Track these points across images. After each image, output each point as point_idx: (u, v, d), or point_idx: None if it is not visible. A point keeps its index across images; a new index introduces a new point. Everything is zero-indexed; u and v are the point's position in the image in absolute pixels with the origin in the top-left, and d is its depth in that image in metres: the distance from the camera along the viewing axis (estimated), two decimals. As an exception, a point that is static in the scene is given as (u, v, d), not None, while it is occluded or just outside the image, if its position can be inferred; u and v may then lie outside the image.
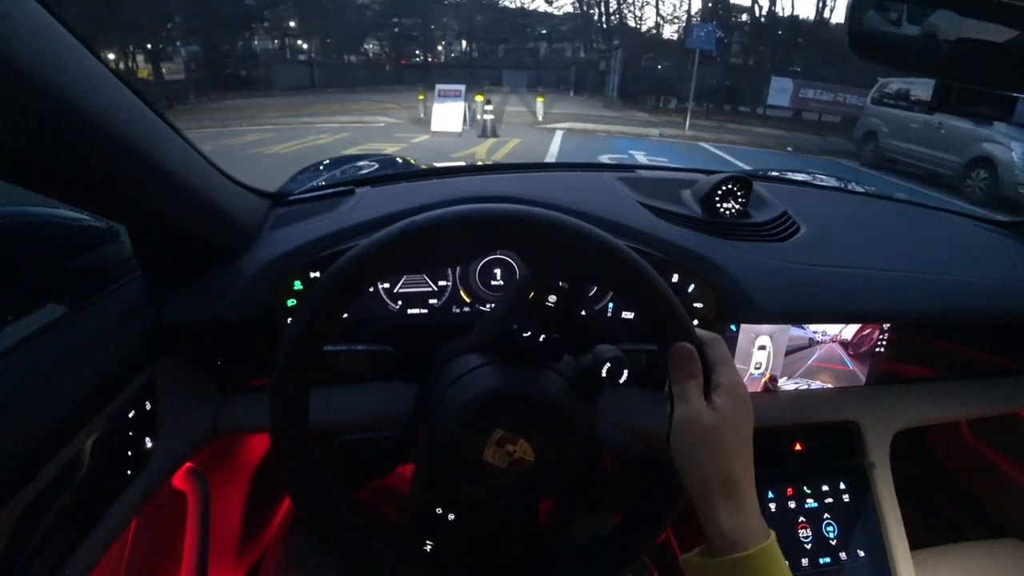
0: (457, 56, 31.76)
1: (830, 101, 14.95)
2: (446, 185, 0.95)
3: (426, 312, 0.82)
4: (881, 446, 0.88)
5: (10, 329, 0.58)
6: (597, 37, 28.12)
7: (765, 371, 0.86)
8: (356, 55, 28.46)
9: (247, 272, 0.73)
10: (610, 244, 0.46)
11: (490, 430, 0.50)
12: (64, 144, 0.43)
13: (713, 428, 0.44)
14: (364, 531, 0.51)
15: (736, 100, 18.55)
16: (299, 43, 26.96)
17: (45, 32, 0.42)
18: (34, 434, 0.49)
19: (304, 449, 0.49)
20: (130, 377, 0.63)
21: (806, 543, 0.82)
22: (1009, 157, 6.73)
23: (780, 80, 15.72)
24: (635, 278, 0.47)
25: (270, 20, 23.72)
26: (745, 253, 0.83)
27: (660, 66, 21.18)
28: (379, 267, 0.47)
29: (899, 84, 8.92)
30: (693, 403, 0.45)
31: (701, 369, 0.47)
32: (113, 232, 0.75)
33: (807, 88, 15.46)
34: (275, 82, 19.72)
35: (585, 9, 29.18)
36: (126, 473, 0.61)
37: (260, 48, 24.30)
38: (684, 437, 0.44)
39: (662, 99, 18.95)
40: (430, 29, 29.64)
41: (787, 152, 10.60)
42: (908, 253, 0.93)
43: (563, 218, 0.46)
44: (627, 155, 8.29)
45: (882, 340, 0.88)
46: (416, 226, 0.45)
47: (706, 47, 12.55)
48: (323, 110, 12.27)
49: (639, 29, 26.57)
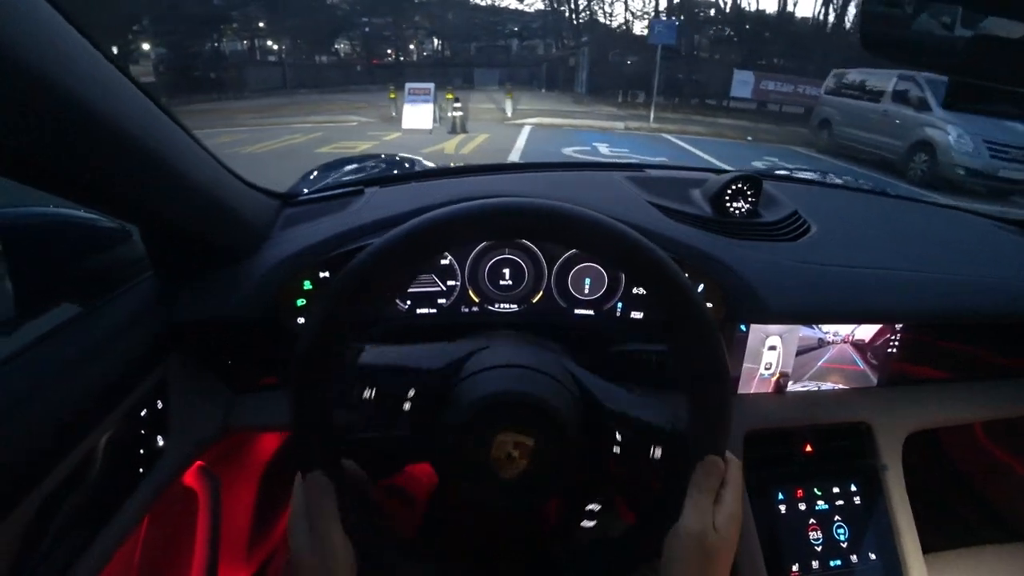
0: (429, 55, 31.71)
1: (790, 92, 15.63)
2: (455, 185, 0.96)
3: (435, 312, 0.83)
4: (893, 448, 0.87)
5: (25, 328, 0.59)
6: (568, 34, 28.35)
7: (775, 372, 0.85)
8: (327, 55, 28.27)
9: (257, 272, 0.74)
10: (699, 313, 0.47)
11: (494, 432, 0.50)
12: (77, 146, 0.44)
13: (713, 548, 0.46)
14: (380, 537, 0.50)
15: (703, 93, 19.12)
16: (269, 44, 26.63)
17: (57, 34, 0.42)
18: (48, 432, 0.50)
19: (322, 447, 0.48)
20: (142, 376, 0.64)
21: (816, 545, 0.80)
22: (946, 140, 7.21)
23: (742, 73, 16.37)
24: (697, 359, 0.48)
25: (239, 21, 23.51)
26: (755, 253, 0.83)
27: (630, 61, 21.51)
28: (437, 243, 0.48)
29: (851, 75, 9.44)
30: (704, 519, 0.47)
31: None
32: (126, 232, 0.76)
33: (768, 80, 16.14)
34: (246, 84, 19.33)
35: (555, 6, 29.42)
36: (138, 471, 0.62)
37: (229, 50, 23.85)
38: (686, 546, 0.46)
39: (630, 93, 19.27)
40: (401, 28, 29.56)
41: (747, 141, 11.07)
42: (921, 252, 0.92)
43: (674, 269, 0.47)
44: (590, 147, 8.74)
45: (894, 341, 0.87)
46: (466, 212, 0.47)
47: (667, 42, 12.97)
48: (296, 111, 12.37)
49: (609, 25, 27.04)
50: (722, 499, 0.48)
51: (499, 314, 0.83)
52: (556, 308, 0.84)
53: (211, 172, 0.67)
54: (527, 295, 0.83)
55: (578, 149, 8.43)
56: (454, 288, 0.82)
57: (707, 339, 0.47)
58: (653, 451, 0.52)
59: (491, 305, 0.83)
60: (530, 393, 0.50)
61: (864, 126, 8.81)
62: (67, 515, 0.51)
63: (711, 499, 0.48)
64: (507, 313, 0.83)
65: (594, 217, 0.46)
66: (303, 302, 0.77)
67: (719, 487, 0.49)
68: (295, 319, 0.77)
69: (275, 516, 1.13)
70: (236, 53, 24.05)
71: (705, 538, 0.46)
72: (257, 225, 0.79)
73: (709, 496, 0.48)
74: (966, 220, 1.14)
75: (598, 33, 25.56)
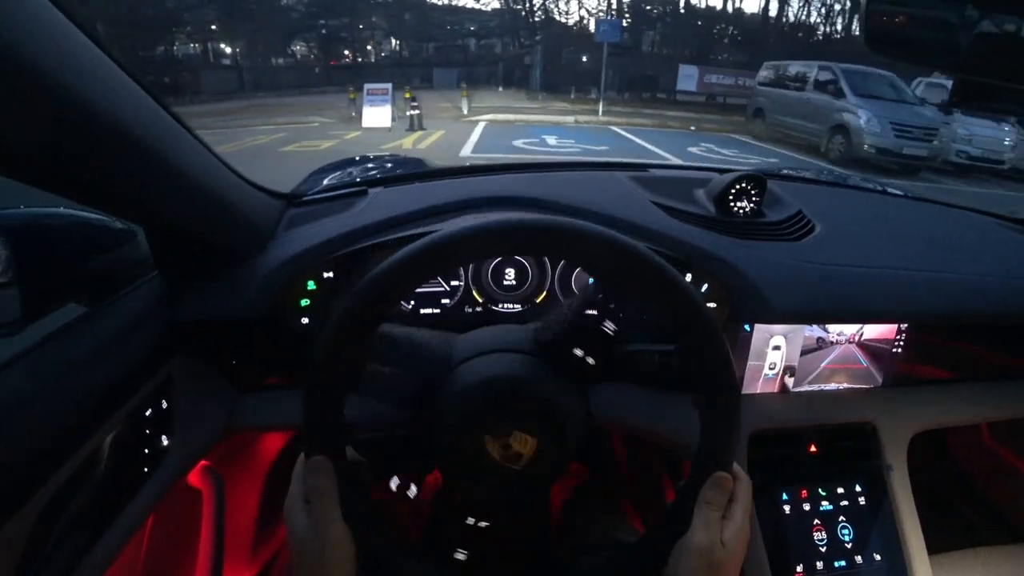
0: (387, 55, 31.42)
1: (732, 84, 16.73)
2: (458, 185, 0.96)
3: (438, 312, 0.83)
4: (898, 448, 0.87)
5: (31, 328, 0.59)
6: (524, 32, 28.69)
7: (780, 371, 0.85)
8: (283, 58, 27.88)
9: (261, 272, 0.74)
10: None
11: (490, 425, 0.50)
12: (81, 147, 0.45)
13: (720, 563, 0.46)
14: (380, 530, 0.50)
15: (654, 87, 19.99)
16: (223, 48, 26.10)
17: (61, 34, 0.43)
18: (53, 432, 0.50)
19: (331, 432, 0.48)
20: (147, 376, 0.64)
21: (821, 546, 0.80)
22: (858, 123, 8.22)
23: (686, 68, 17.44)
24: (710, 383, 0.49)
25: (192, 24, 22.99)
26: (759, 252, 0.83)
27: (585, 58, 22.10)
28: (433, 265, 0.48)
29: (780, 67, 10.58)
30: (713, 534, 0.47)
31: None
32: (131, 233, 0.76)
33: (711, 74, 17.25)
34: (202, 87, 18.79)
35: (511, 5, 29.69)
36: (143, 471, 0.62)
37: (182, 54, 23.29)
38: (695, 562, 0.47)
39: (583, 89, 19.88)
40: (358, 29, 29.26)
41: (690, 131, 11.83)
42: (926, 252, 0.92)
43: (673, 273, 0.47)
44: (539, 139, 9.38)
45: (900, 341, 0.87)
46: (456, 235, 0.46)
47: (613, 40, 13.81)
48: (256, 113, 12.53)
49: (566, 23, 27.70)
50: (731, 515, 0.49)
51: (503, 314, 0.84)
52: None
53: (215, 172, 0.67)
54: (531, 295, 0.84)
55: (528, 141, 9.03)
56: (458, 288, 0.83)
57: (722, 370, 0.48)
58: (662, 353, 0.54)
59: (495, 305, 0.84)
60: (520, 376, 0.52)
61: (791, 113, 9.82)
62: (72, 515, 0.52)
63: (720, 514, 0.48)
64: (511, 313, 0.84)
65: (590, 229, 0.47)
66: (307, 302, 0.77)
67: (728, 502, 0.49)
68: (299, 319, 0.77)
69: (279, 516, 1.11)
70: (190, 57, 23.58)
71: (713, 553, 0.46)
72: (261, 225, 0.80)
73: (718, 511, 0.48)
74: (970, 219, 1.13)
75: (552, 32, 26.19)
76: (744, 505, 0.50)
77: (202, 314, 0.72)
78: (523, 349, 0.55)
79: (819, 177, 1.41)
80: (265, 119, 11.64)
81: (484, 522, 0.57)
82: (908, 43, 0.69)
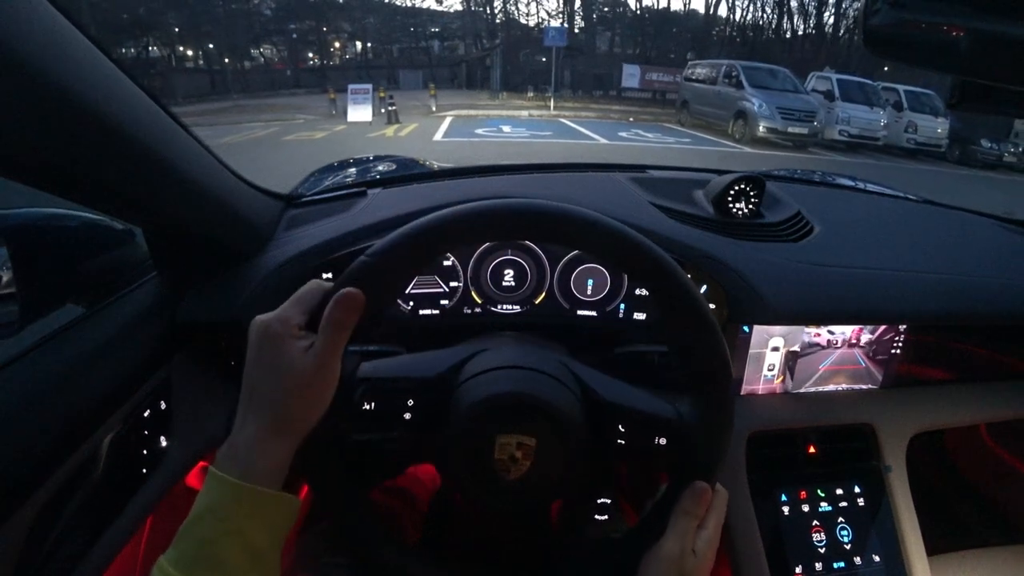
0: (352, 58, 31.94)
1: (671, 82, 18.73)
2: (458, 186, 0.96)
3: (437, 313, 0.83)
4: (897, 449, 0.86)
5: (31, 329, 0.59)
6: (485, 34, 29.80)
7: (778, 373, 0.85)
8: (250, 61, 28.26)
9: (260, 273, 0.74)
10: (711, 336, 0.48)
11: (495, 433, 0.49)
12: (80, 148, 0.45)
13: (689, 571, 0.47)
14: (377, 531, 0.51)
15: (604, 85, 22.06)
16: (189, 52, 25.99)
17: (60, 36, 0.42)
18: (52, 433, 0.50)
19: (327, 449, 0.49)
20: (146, 377, 0.64)
21: (819, 547, 0.79)
22: (753, 109, 10.46)
23: (630, 67, 19.79)
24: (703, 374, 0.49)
25: (159, 28, 23.36)
26: (758, 253, 0.83)
27: (544, 59, 23.39)
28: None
29: (699, 65, 13.17)
30: (685, 543, 0.48)
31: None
32: (130, 233, 0.75)
33: (652, 72, 19.35)
34: (175, 91, 19.11)
35: (472, 7, 30.79)
36: (141, 472, 0.62)
37: (152, 56, 23.61)
38: (664, 569, 0.47)
39: (539, 88, 21.60)
40: (323, 32, 29.76)
41: (628, 121, 13.84)
42: (925, 253, 0.93)
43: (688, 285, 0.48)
44: (497, 128, 11.34)
45: (898, 341, 0.87)
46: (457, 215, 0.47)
47: (559, 44, 16.00)
48: (243, 112, 13.94)
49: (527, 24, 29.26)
50: (705, 523, 0.49)
51: (502, 315, 0.84)
52: (559, 309, 0.84)
53: (214, 173, 0.67)
54: (530, 296, 0.84)
55: (487, 129, 11.02)
56: (457, 289, 0.83)
57: (715, 379, 0.48)
58: (658, 440, 0.52)
59: (494, 306, 0.84)
60: (530, 393, 0.50)
61: (707, 103, 12.09)
62: (71, 515, 0.52)
63: (693, 524, 0.49)
64: (510, 314, 0.84)
65: (595, 217, 0.47)
66: None
67: (703, 512, 0.49)
68: None
69: None
70: (158, 60, 23.85)
71: (684, 562, 0.47)
72: (260, 226, 0.80)
73: (690, 520, 0.48)
74: (969, 220, 1.14)
75: (512, 34, 27.68)
76: (719, 515, 0.51)
77: (201, 315, 0.72)
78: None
79: (818, 179, 1.42)
80: (252, 117, 12.95)
81: (483, 523, 0.57)
82: (907, 45, 0.65)
